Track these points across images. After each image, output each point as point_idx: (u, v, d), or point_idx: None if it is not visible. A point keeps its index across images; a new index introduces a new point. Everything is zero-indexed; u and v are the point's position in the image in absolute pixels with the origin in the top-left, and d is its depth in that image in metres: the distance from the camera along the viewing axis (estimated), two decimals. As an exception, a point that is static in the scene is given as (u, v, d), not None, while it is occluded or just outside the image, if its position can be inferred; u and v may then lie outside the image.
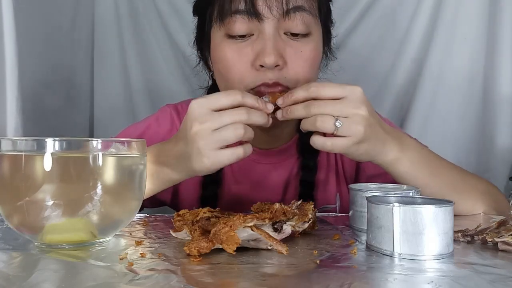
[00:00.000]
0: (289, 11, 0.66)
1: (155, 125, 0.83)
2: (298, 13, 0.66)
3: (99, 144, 0.48)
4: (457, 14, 1.19)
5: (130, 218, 0.54)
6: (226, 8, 0.66)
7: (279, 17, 0.66)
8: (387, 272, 0.41)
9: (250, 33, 0.67)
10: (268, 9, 0.65)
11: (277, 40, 0.66)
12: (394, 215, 0.45)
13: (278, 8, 0.65)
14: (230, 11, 0.66)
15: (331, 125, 0.57)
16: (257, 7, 0.65)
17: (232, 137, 0.57)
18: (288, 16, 0.66)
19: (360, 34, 1.31)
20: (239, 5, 0.65)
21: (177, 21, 1.38)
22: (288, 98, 0.60)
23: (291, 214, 0.51)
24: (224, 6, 0.67)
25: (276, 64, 0.65)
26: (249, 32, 0.67)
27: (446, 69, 1.21)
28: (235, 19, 0.66)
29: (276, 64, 0.65)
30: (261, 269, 0.41)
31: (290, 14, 0.66)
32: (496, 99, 1.16)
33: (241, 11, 0.65)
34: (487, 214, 0.71)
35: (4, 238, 0.52)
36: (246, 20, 0.66)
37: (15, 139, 0.47)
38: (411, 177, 0.66)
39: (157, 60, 1.41)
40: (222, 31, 0.68)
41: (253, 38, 0.67)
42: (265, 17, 0.65)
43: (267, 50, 0.65)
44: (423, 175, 0.67)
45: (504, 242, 0.49)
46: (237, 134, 0.57)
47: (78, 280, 0.38)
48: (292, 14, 0.66)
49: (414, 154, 0.67)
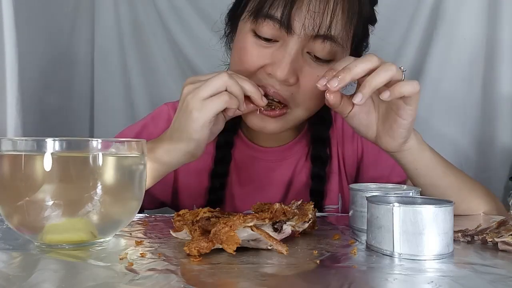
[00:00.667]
0: (319, 36, 0.64)
1: (151, 124, 0.83)
2: (327, 42, 0.65)
3: (99, 144, 0.48)
4: (457, 14, 1.19)
5: (130, 218, 0.54)
6: (263, 10, 0.65)
7: (309, 37, 0.65)
8: (387, 272, 0.41)
9: (275, 40, 0.66)
10: (301, 26, 0.63)
11: (297, 57, 0.65)
12: (394, 215, 0.45)
13: (312, 28, 0.64)
14: (265, 14, 0.65)
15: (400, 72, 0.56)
16: (292, 20, 0.63)
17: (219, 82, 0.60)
18: (317, 40, 0.65)
19: (360, 34, 1.30)
20: (276, 12, 0.64)
21: (177, 21, 1.38)
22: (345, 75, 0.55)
23: (291, 214, 0.51)
24: (262, 7, 0.65)
25: (285, 80, 0.65)
26: (275, 39, 0.66)
27: (446, 69, 1.21)
28: (267, 23, 0.65)
29: (286, 81, 0.65)
30: (261, 269, 0.41)
31: (319, 39, 0.65)
32: (496, 99, 1.16)
33: (275, 18, 0.64)
34: (487, 214, 0.71)
35: (4, 238, 0.52)
36: (277, 27, 0.65)
37: (15, 139, 0.47)
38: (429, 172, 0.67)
39: (157, 60, 1.41)
40: (250, 26, 0.67)
41: (277, 46, 0.66)
42: (295, 32, 0.64)
43: (283, 64, 0.64)
44: (437, 172, 0.68)
45: (504, 242, 0.49)
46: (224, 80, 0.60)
47: (78, 280, 0.38)
48: (321, 40, 0.65)
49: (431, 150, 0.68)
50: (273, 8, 0.64)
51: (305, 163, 0.84)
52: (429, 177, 0.67)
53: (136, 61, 1.41)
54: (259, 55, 0.67)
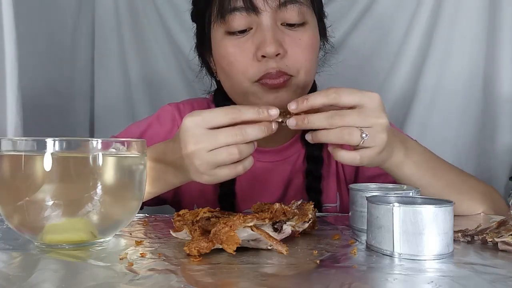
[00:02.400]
0: (284, 3, 0.68)
1: (156, 124, 0.84)
2: (293, 5, 0.69)
3: (99, 144, 0.48)
4: (457, 14, 1.19)
5: (130, 218, 0.54)
6: (226, 7, 0.69)
7: (276, 9, 0.68)
8: (387, 272, 0.41)
9: (249, 27, 0.69)
10: (264, 2, 0.67)
11: (275, 30, 0.68)
12: (394, 215, 0.45)
13: (273, 0, 0.68)
14: (229, 8, 0.68)
15: (358, 138, 0.56)
16: (254, 1, 0.67)
17: (226, 161, 0.56)
18: (284, 8, 0.68)
19: (360, 34, 1.31)
20: (238, 2, 0.68)
21: (177, 21, 1.38)
22: (304, 104, 0.56)
23: (291, 214, 0.51)
24: (223, 5, 0.69)
25: (277, 53, 0.67)
26: (248, 26, 0.69)
27: (446, 69, 1.21)
28: (234, 16, 0.68)
29: (277, 52, 0.67)
30: (261, 269, 0.41)
31: (285, 6, 0.68)
32: (496, 99, 1.16)
33: (239, 8, 0.68)
34: (487, 214, 0.71)
35: (4, 238, 0.52)
36: (245, 15, 0.68)
37: (15, 139, 0.47)
38: (415, 179, 0.67)
39: (157, 60, 1.41)
40: (222, 29, 0.70)
41: (252, 32, 0.69)
42: (262, 10, 0.68)
43: (268, 40, 0.67)
44: (426, 177, 0.67)
45: (504, 242, 0.49)
46: (231, 159, 0.56)
47: (78, 280, 0.38)
48: (287, 6, 0.68)
49: (418, 157, 0.67)
50: (233, 1, 0.68)
51: (303, 163, 0.84)
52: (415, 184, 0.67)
53: (136, 61, 1.40)
54: (243, 49, 0.69)
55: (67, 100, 1.23)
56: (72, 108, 1.27)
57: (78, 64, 1.30)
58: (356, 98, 0.56)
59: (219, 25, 0.71)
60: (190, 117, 0.56)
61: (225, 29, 0.70)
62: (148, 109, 1.37)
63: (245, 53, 0.69)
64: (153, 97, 1.40)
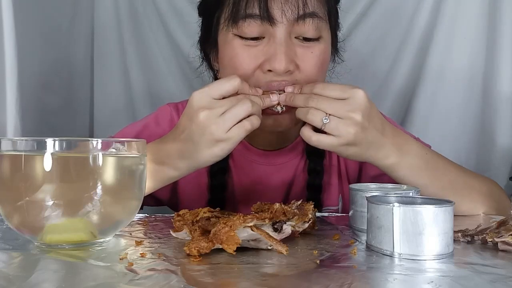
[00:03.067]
0: (303, 16, 0.66)
1: (153, 124, 0.83)
2: (312, 19, 0.66)
3: (99, 144, 0.48)
4: (457, 14, 1.19)
5: (130, 218, 0.54)
6: (240, 12, 0.66)
7: (293, 22, 0.66)
8: (387, 272, 0.41)
9: (262, 36, 0.67)
10: (281, 13, 0.65)
11: (288, 44, 0.66)
12: (394, 215, 0.45)
13: (292, 13, 0.65)
14: (244, 15, 0.66)
15: (319, 120, 0.59)
16: (271, 11, 0.65)
17: (242, 112, 0.59)
18: (302, 21, 0.66)
19: (361, 33, 1.30)
20: (253, 9, 0.65)
21: (177, 21, 1.38)
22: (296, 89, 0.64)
23: (291, 214, 0.51)
24: (238, 9, 0.66)
25: (287, 70, 0.66)
26: (261, 35, 0.67)
27: (446, 68, 1.21)
28: (248, 23, 0.66)
29: (287, 70, 0.66)
30: (261, 269, 0.41)
31: (303, 19, 0.66)
32: (496, 99, 1.16)
33: (254, 15, 0.65)
34: (487, 214, 0.71)
35: (4, 238, 0.52)
36: (259, 23, 0.66)
37: (15, 139, 0.47)
38: (410, 181, 0.67)
39: (157, 60, 1.41)
40: (233, 32, 0.68)
41: (265, 41, 0.67)
42: (278, 21, 0.65)
43: (278, 56, 0.65)
44: (422, 179, 0.67)
45: (504, 242, 0.49)
46: (246, 108, 0.59)
47: (78, 280, 0.38)
48: (306, 19, 0.66)
49: (414, 160, 0.67)
50: (249, 7, 0.65)
51: (304, 166, 0.84)
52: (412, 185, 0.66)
53: (136, 61, 1.40)
54: (251, 56, 0.67)
55: (67, 100, 1.22)
56: (72, 108, 1.26)
57: (78, 64, 1.30)
58: (339, 92, 0.60)
59: (229, 28, 0.68)
60: (198, 90, 0.61)
61: (236, 33, 0.67)
62: (148, 109, 1.37)
63: (252, 61, 0.67)
64: (153, 97, 1.40)
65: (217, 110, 0.59)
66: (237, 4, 0.66)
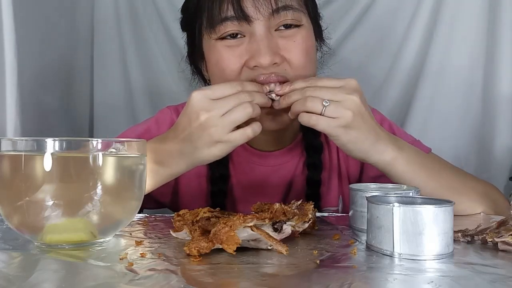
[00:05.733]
0: (277, 10, 0.67)
1: (154, 128, 0.83)
2: (286, 11, 0.68)
3: (99, 144, 0.48)
4: (457, 14, 1.19)
5: (130, 218, 0.54)
6: (216, 18, 0.67)
7: (268, 17, 0.67)
8: (387, 272, 0.41)
9: (242, 35, 0.68)
10: (256, 10, 0.66)
11: (269, 38, 0.67)
12: (394, 215, 0.45)
13: (266, 8, 0.66)
14: (220, 19, 0.67)
15: (319, 105, 0.59)
16: (245, 10, 0.66)
17: (242, 116, 0.59)
18: (277, 14, 0.67)
19: (360, 34, 1.30)
20: (228, 12, 0.66)
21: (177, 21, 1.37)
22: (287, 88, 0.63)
23: (291, 214, 0.51)
24: (213, 16, 0.68)
25: (273, 63, 0.66)
26: (241, 34, 0.68)
27: (446, 69, 1.21)
28: (225, 26, 0.67)
29: (273, 62, 0.66)
30: (261, 269, 0.41)
31: (278, 13, 0.67)
32: (496, 99, 1.15)
33: (230, 17, 0.67)
34: (486, 214, 0.71)
35: (4, 238, 0.52)
36: (237, 23, 0.67)
37: (15, 139, 0.47)
38: (408, 178, 0.66)
39: (157, 60, 1.41)
40: (214, 37, 0.70)
41: (246, 40, 0.68)
42: (254, 18, 0.66)
43: (262, 50, 0.66)
44: (420, 176, 0.67)
45: (504, 242, 0.49)
46: (246, 112, 0.59)
47: (78, 280, 0.38)
48: (280, 12, 0.67)
49: (411, 155, 0.67)
50: (223, 11, 0.67)
51: (303, 167, 0.84)
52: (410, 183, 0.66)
53: (136, 60, 1.40)
54: (235, 55, 0.68)
55: (66, 100, 1.22)
56: (72, 108, 1.26)
57: (78, 64, 1.30)
58: (333, 81, 0.61)
59: (209, 35, 0.70)
60: (198, 91, 0.60)
61: (216, 37, 0.69)
62: (148, 109, 1.37)
63: (237, 59, 0.68)
64: (153, 97, 1.40)
65: (217, 112, 0.59)
66: (212, 11, 0.68)
